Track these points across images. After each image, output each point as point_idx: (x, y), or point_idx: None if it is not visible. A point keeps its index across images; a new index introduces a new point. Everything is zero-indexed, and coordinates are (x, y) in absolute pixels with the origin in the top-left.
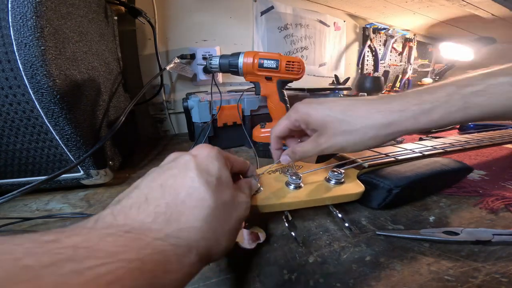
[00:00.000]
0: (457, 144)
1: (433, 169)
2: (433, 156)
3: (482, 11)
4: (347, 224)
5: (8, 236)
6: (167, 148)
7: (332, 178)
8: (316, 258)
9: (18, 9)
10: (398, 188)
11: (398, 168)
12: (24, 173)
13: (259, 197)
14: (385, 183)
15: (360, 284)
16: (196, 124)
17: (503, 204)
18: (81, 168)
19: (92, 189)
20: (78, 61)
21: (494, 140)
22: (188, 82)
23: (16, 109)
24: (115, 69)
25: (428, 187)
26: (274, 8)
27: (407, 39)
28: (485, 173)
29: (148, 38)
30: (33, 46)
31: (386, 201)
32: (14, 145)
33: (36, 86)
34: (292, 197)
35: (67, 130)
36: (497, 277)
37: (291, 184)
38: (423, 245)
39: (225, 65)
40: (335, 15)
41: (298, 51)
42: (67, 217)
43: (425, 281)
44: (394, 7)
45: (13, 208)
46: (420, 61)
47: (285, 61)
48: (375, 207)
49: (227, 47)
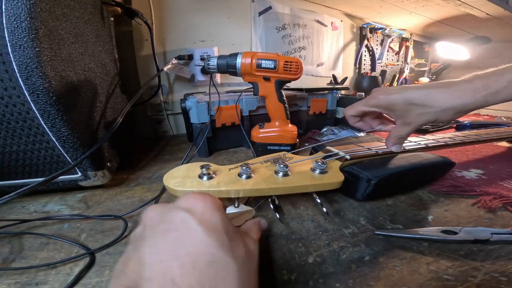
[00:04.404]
0: (441, 140)
1: (413, 163)
2: (417, 151)
3: (477, 11)
4: (325, 209)
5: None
6: (165, 149)
7: (316, 168)
8: (315, 258)
9: (12, 10)
10: (376, 179)
11: (379, 161)
12: (22, 175)
13: (250, 182)
14: (364, 174)
15: (359, 284)
16: (195, 125)
17: (501, 203)
18: (78, 169)
19: (90, 191)
20: (74, 62)
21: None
22: (186, 83)
23: (12, 111)
24: (112, 70)
25: (411, 180)
26: (272, 8)
27: (403, 38)
28: (483, 172)
29: (145, 39)
30: (28, 47)
31: (367, 191)
32: (10, 146)
33: (31, 87)
34: (280, 183)
35: (64, 131)
36: (496, 276)
37: (280, 172)
38: (422, 244)
39: (223, 66)
40: (332, 15)
41: (296, 51)
42: (65, 218)
43: (424, 281)
44: (390, 6)
45: (11, 210)
46: (417, 61)
47: (283, 61)
48: (359, 199)
49: (225, 48)
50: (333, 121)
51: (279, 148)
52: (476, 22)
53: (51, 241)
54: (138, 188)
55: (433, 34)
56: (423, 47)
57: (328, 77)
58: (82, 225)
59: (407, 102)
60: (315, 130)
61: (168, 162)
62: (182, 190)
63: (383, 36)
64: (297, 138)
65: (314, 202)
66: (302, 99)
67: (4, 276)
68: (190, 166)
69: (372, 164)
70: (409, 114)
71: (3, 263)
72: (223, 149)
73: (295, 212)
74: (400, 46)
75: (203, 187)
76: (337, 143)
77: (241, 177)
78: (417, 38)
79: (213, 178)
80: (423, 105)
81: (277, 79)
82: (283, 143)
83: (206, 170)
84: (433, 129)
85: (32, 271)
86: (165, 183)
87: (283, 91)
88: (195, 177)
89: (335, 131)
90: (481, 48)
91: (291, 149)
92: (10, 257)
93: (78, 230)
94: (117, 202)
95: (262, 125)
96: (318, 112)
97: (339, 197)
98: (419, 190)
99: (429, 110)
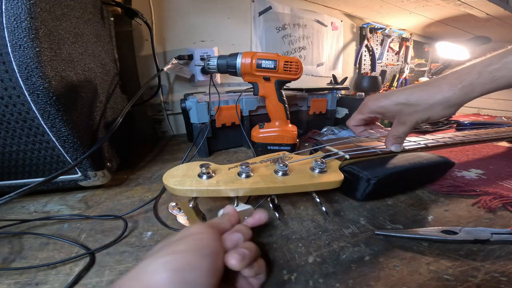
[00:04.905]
0: (441, 140)
1: (413, 163)
2: (417, 151)
3: (477, 11)
4: (324, 209)
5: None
6: (165, 149)
7: (316, 167)
8: (315, 258)
9: (12, 10)
10: (376, 179)
11: (379, 161)
12: (22, 175)
13: (250, 181)
14: (364, 173)
15: (359, 284)
16: (195, 125)
17: (500, 203)
18: (78, 169)
19: (90, 191)
20: (74, 62)
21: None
22: (186, 83)
23: (12, 111)
24: (112, 70)
25: (411, 180)
26: (272, 8)
27: (403, 38)
28: (483, 172)
29: (145, 39)
30: (28, 47)
31: (367, 191)
32: (10, 146)
33: (31, 87)
34: (279, 182)
35: (64, 131)
36: (496, 276)
37: (279, 171)
38: (422, 244)
39: (223, 66)
40: (332, 15)
41: (296, 51)
42: (65, 219)
43: (424, 281)
44: (390, 6)
45: (11, 210)
46: (417, 61)
47: (283, 61)
48: (359, 198)
49: (225, 48)
50: (333, 121)
51: (279, 148)
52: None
53: (51, 241)
54: (138, 188)
55: (433, 34)
56: (423, 47)
57: (328, 77)
58: (82, 225)
59: (395, 103)
60: (315, 130)
61: (168, 162)
62: (181, 189)
63: (383, 36)
64: (297, 138)
65: (314, 202)
66: (302, 99)
67: (4, 276)
68: (189, 165)
69: (372, 164)
70: (402, 114)
71: (3, 263)
72: (223, 149)
73: (295, 212)
74: (400, 46)
75: (202, 186)
76: (337, 142)
77: (240, 176)
78: (417, 38)
79: (213, 177)
80: (410, 104)
81: (277, 79)
82: (283, 143)
83: (206, 169)
84: (433, 129)
85: (32, 271)
86: (165, 182)
87: (283, 91)
88: (195, 176)
89: (335, 131)
90: (481, 48)
91: (291, 149)
92: (10, 257)
93: (78, 230)
94: (117, 202)
95: (262, 125)
96: (318, 112)
97: (339, 197)
98: (419, 190)
99: (417, 108)
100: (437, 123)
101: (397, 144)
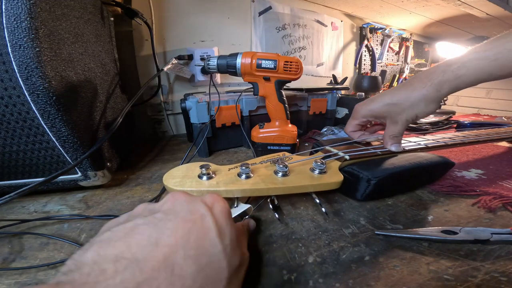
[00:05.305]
0: (441, 140)
1: (413, 163)
2: (417, 151)
3: (477, 11)
4: (323, 209)
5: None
6: (165, 149)
7: (315, 168)
8: (315, 258)
9: (12, 10)
10: (376, 179)
11: (379, 161)
12: (22, 175)
13: (250, 182)
14: (364, 174)
15: (359, 284)
16: (195, 125)
17: (500, 203)
18: (78, 169)
19: (90, 191)
20: (74, 62)
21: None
22: (186, 83)
23: (12, 111)
24: (112, 70)
25: (411, 180)
26: (272, 8)
27: (403, 38)
28: (483, 172)
29: (145, 39)
30: (28, 47)
31: (367, 191)
32: (10, 146)
33: (31, 87)
34: (279, 183)
35: (64, 131)
36: (496, 276)
37: (279, 172)
38: (422, 244)
39: (223, 66)
40: (332, 15)
41: (296, 51)
42: (65, 218)
43: (424, 281)
44: (390, 6)
45: (11, 210)
46: (417, 61)
47: (283, 61)
48: (359, 199)
49: (225, 48)
50: (333, 121)
51: (279, 148)
52: (476, 22)
53: (51, 241)
54: (138, 188)
55: (433, 34)
56: (423, 47)
57: (328, 77)
58: (82, 225)
59: (383, 104)
60: (315, 130)
61: (168, 162)
62: (181, 190)
63: (383, 36)
64: (297, 138)
65: (314, 202)
66: (302, 99)
67: (4, 276)
68: (189, 166)
69: (372, 164)
70: (392, 114)
71: (3, 263)
72: (223, 149)
73: (295, 212)
74: (400, 46)
75: (202, 187)
76: (337, 143)
77: (240, 177)
78: (417, 38)
79: (213, 178)
80: (395, 103)
81: (277, 79)
82: (283, 143)
83: (206, 170)
84: (433, 129)
85: (32, 271)
86: (165, 182)
87: (283, 91)
88: (195, 177)
89: (335, 131)
90: None
91: (291, 149)
92: (10, 257)
93: (78, 230)
94: (117, 202)
95: (262, 125)
96: (318, 112)
97: (339, 197)
98: (419, 190)
99: (402, 107)
100: (437, 123)
101: (396, 144)
